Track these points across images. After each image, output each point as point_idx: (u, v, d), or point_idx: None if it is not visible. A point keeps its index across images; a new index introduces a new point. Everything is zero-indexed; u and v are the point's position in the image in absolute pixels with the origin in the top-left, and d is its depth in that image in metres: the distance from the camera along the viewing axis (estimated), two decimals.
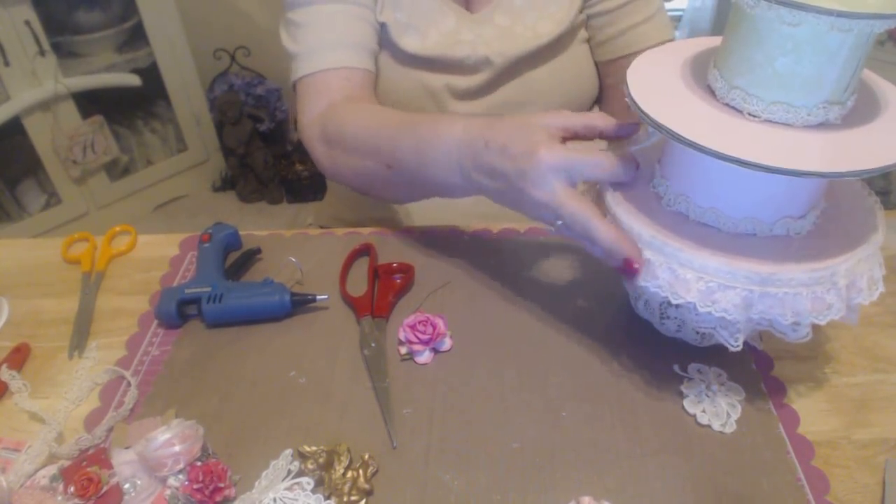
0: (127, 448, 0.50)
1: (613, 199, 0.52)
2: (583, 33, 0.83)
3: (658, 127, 0.45)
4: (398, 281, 0.64)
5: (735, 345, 0.50)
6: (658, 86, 0.50)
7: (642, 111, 0.46)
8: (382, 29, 0.78)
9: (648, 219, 0.50)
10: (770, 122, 0.45)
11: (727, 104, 0.47)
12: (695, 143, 0.43)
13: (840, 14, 0.39)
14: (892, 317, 0.62)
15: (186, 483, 0.47)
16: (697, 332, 0.55)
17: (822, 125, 0.45)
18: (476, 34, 0.79)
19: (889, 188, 1.75)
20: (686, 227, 0.50)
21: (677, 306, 0.50)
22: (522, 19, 0.79)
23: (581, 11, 0.81)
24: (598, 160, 0.51)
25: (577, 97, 0.85)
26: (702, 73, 0.50)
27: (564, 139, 0.54)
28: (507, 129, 0.54)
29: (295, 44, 0.76)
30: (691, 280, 0.47)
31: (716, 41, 0.52)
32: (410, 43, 0.78)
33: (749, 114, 0.46)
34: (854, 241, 0.48)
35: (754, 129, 0.45)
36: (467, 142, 0.56)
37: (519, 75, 0.81)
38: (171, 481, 0.48)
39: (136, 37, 1.89)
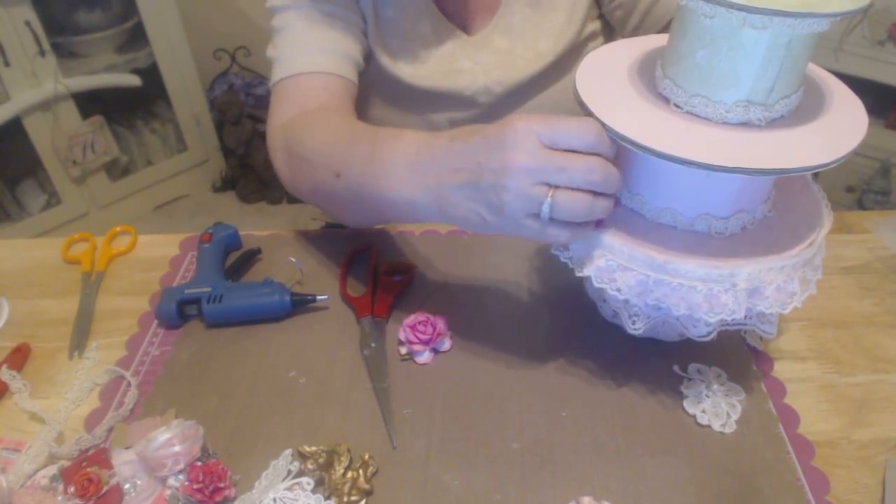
0: (127, 448, 0.50)
1: None
2: (593, 45, 0.80)
3: (580, 104, 0.47)
4: (398, 281, 0.64)
5: (633, 328, 0.52)
6: (605, 76, 0.51)
7: (581, 101, 0.48)
8: (375, 64, 0.76)
9: None
10: (692, 115, 0.46)
11: (662, 94, 0.48)
12: (614, 130, 0.45)
13: (751, 10, 0.39)
14: (892, 317, 0.62)
15: (186, 483, 0.47)
16: (630, 319, 0.54)
17: (745, 125, 0.45)
18: (474, 61, 0.76)
19: (889, 188, 1.75)
20: (622, 212, 0.52)
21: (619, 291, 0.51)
22: (522, 39, 0.77)
23: (596, 19, 0.78)
24: (580, 122, 0.45)
25: None
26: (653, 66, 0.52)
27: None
28: (475, 126, 0.49)
29: (274, 48, 0.71)
30: (596, 256, 0.49)
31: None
32: (407, 70, 0.75)
33: (675, 105, 0.47)
34: (774, 249, 0.48)
35: (674, 120, 0.46)
36: (427, 141, 0.50)
37: (521, 103, 0.79)
38: (171, 481, 0.48)
39: (136, 37, 1.89)
